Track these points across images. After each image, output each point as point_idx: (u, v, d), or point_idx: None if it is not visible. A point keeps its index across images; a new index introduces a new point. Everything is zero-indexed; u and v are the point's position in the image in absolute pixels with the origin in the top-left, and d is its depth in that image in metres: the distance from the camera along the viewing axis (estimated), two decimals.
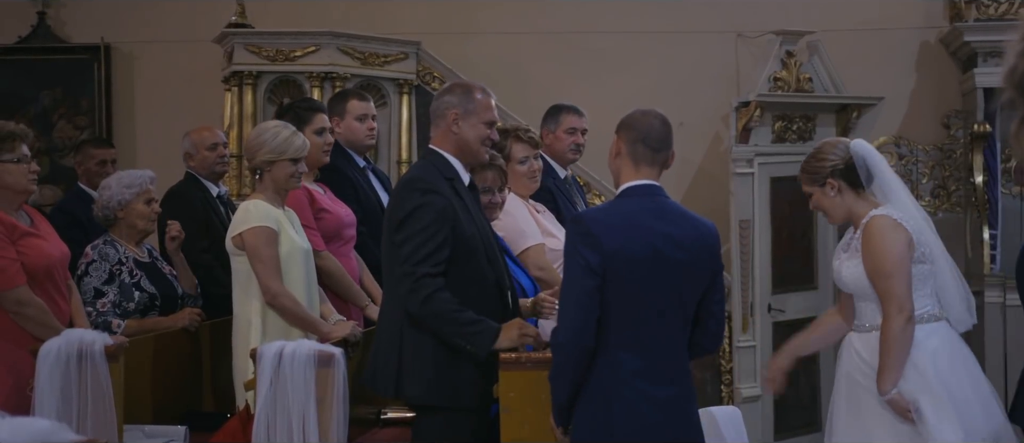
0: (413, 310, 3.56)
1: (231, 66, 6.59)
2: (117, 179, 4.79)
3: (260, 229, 4.12)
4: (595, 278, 3.17)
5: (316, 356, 3.68)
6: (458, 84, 3.97)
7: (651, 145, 3.38)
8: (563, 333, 3.21)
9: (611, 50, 7.35)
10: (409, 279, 3.53)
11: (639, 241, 3.22)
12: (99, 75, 7.48)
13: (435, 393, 3.61)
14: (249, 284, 4.16)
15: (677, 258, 3.25)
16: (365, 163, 5.29)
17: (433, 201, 3.59)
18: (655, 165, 3.39)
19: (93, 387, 3.75)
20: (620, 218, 3.27)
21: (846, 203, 3.91)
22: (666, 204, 3.36)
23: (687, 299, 3.31)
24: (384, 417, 4.66)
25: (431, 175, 3.68)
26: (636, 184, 3.35)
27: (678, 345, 3.31)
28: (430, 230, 3.55)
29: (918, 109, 7.28)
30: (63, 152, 7.49)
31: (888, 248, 3.75)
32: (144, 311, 4.66)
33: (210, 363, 4.81)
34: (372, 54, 6.72)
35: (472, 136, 3.76)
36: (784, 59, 6.98)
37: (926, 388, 3.70)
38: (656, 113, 3.49)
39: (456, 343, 3.55)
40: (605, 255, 3.18)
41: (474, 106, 3.76)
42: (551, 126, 5.38)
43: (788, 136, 6.99)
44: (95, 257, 4.64)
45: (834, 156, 3.93)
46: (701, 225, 3.38)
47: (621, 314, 3.20)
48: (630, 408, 3.20)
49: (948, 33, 7.07)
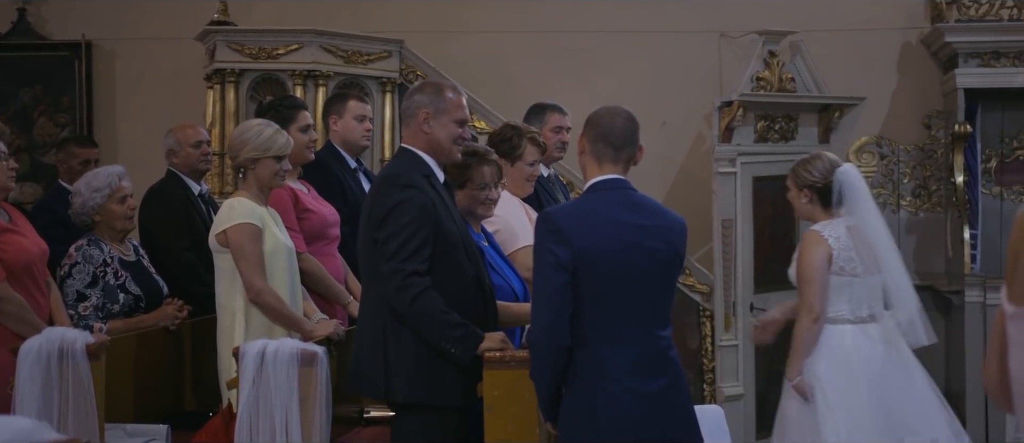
0: (401, 309, 3.54)
1: (213, 64, 6.57)
2: (86, 183, 4.71)
3: (245, 226, 4.11)
4: (564, 274, 3.18)
5: (299, 355, 3.67)
6: (428, 83, 3.96)
7: (612, 143, 3.41)
8: (536, 332, 3.23)
9: (594, 49, 7.36)
10: (397, 276, 3.52)
11: (609, 234, 3.25)
12: (80, 72, 7.44)
13: (421, 391, 3.59)
14: (233, 282, 4.15)
15: (650, 247, 3.28)
16: (357, 164, 5.28)
17: (413, 196, 3.58)
18: (618, 162, 3.41)
19: (74, 386, 3.73)
20: (588, 213, 3.30)
21: (811, 212, 4.58)
22: (634, 196, 3.38)
23: (665, 288, 3.34)
24: (367, 416, 4.66)
25: (408, 171, 3.67)
26: (601, 179, 3.38)
27: (659, 336, 3.30)
28: (413, 226, 3.55)
29: (899, 109, 7.32)
30: (43, 149, 7.45)
31: (809, 259, 4.44)
32: (129, 312, 4.63)
33: (192, 362, 4.80)
34: (355, 52, 6.70)
35: (443, 135, 3.74)
36: (767, 59, 7.00)
37: (823, 377, 4.35)
38: (621, 110, 3.51)
39: (441, 346, 3.54)
40: (575, 250, 3.19)
41: (445, 105, 3.75)
42: (536, 124, 5.38)
43: (770, 136, 7.01)
44: (79, 259, 4.59)
45: (817, 173, 4.53)
46: (669, 215, 3.42)
47: (597, 308, 3.21)
48: (614, 402, 3.20)
49: (929, 34, 7.10)
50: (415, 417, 3.63)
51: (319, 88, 6.53)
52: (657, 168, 7.37)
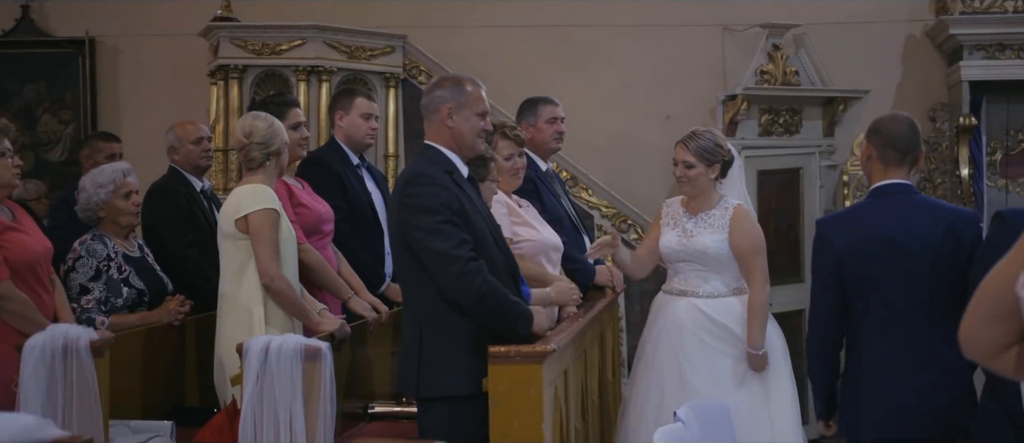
0: (467, 296, 3.55)
1: (216, 60, 6.57)
2: (91, 179, 4.72)
3: (268, 211, 4.13)
4: (830, 277, 3.60)
5: (303, 351, 3.66)
6: (448, 77, 3.96)
7: (899, 148, 3.69)
8: (809, 328, 3.71)
9: (597, 44, 7.35)
10: (456, 265, 3.53)
11: (871, 237, 3.58)
12: (83, 69, 7.45)
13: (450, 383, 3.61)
14: (243, 271, 4.14)
15: (914, 249, 3.55)
16: (359, 161, 5.26)
17: (439, 194, 3.60)
18: (903, 166, 3.70)
19: (78, 382, 3.72)
20: (853, 219, 3.71)
21: (710, 186, 4.68)
22: (911, 199, 3.66)
23: (936, 284, 3.54)
24: (372, 411, 4.66)
25: (431, 169, 3.68)
26: (884, 183, 3.69)
27: (927, 332, 3.54)
28: (453, 219, 3.58)
29: (904, 102, 7.29)
30: (48, 146, 7.46)
31: (757, 232, 4.70)
32: (132, 307, 4.63)
33: (197, 358, 4.79)
34: (358, 48, 6.70)
35: (467, 129, 3.75)
36: (770, 52, 6.98)
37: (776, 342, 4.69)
38: (904, 118, 3.78)
39: (508, 325, 3.59)
40: (836, 254, 3.59)
41: (466, 98, 3.75)
42: (530, 119, 5.37)
43: (775, 129, 7.00)
44: (82, 253, 4.60)
45: (726, 150, 4.71)
46: (948, 212, 3.70)
47: (865, 307, 3.58)
48: (880, 395, 3.55)
49: (933, 26, 7.08)
50: (441, 409, 3.64)
51: (322, 84, 6.53)
52: (661, 162, 7.34)
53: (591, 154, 7.14)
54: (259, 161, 4.26)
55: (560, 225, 4.99)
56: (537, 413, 3.32)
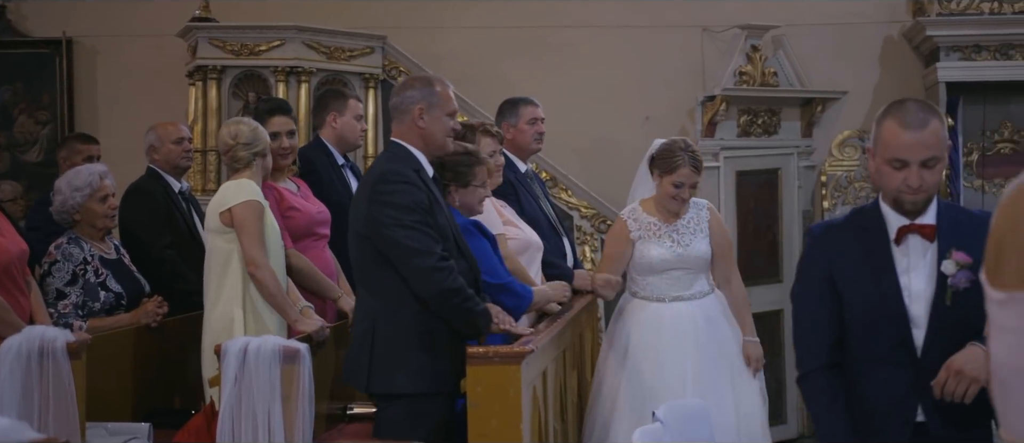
0: (435, 291, 3.59)
1: (195, 60, 6.54)
2: (66, 182, 4.69)
3: (253, 203, 4.15)
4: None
5: (281, 352, 3.66)
6: (417, 78, 4.02)
7: None
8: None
9: (577, 45, 7.36)
10: (429, 259, 3.57)
11: None
12: (61, 69, 7.40)
13: (402, 382, 3.64)
14: (227, 268, 4.13)
15: None
16: (344, 161, 5.26)
17: (412, 192, 3.64)
18: None
19: (54, 385, 3.70)
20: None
21: None
22: None
23: None
24: (350, 412, 4.65)
25: (401, 167, 3.71)
26: None
27: None
28: (426, 219, 3.62)
29: (882, 103, 7.14)
30: (24, 147, 7.41)
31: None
32: (110, 311, 4.60)
33: (175, 360, 4.77)
34: (338, 48, 6.69)
35: (437, 129, 3.79)
36: (749, 54, 7.01)
37: None
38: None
39: (472, 320, 3.65)
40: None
41: (436, 98, 3.79)
42: (511, 119, 5.37)
43: (753, 130, 7.03)
44: (58, 257, 4.57)
45: None
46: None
47: None
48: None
49: (911, 28, 7.12)
50: (397, 408, 3.67)
51: (301, 84, 6.51)
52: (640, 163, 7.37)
53: (570, 155, 7.14)
54: (246, 161, 4.28)
55: (538, 226, 5.00)
56: (516, 414, 3.32)
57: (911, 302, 2.85)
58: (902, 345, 2.86)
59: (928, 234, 2.88)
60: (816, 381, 2.96)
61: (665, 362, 4.58)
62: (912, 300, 2.85)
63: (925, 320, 2.84)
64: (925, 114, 2.86)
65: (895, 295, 2.86)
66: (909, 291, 2.86)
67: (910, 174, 2.81)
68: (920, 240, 2.88)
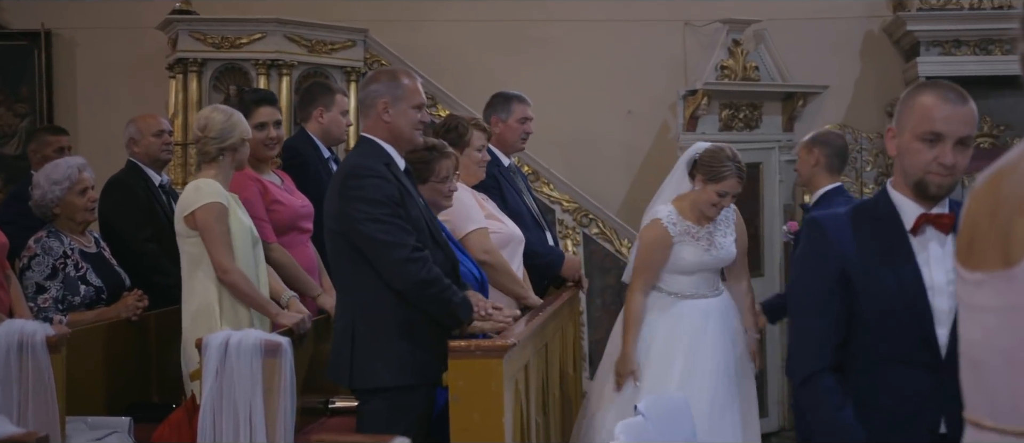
0: (410, 283, 3.59)
1: (175, 53, 6.51)
2: (45, 176, 4.65)
3: (213, 205, 4.09)
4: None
5: (263, 346, 3.65)
6: (383, 71, 4.03)
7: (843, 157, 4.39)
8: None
9: (559, 39, 7.36)
10: (402, 251, 3.58)
11: None
12: (39, 62, 7.35)
13: (384, 375, 3.65)
14: (198, 267, 4.11)
15: None
16: (329, 154, 5.25)
17: (383, 186, 3.63)
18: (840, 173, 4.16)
19: (34, 378, 3.68)
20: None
21: None
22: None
23: None
24: (332, 406, 4.64)
25: (371, 162, 3.71)
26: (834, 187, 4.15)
27: None
28: (398, 212, 3.62)
29: (862, 97, 7.37)
30: (2, 141, 7.36)
31: None
32: (90, 305, 4.57)
33: (155, 354, 4.75)
34: (319, 42, 6.67)
35: (404, 122, 3.78)
36: (731, 48, 7.02)
37: None
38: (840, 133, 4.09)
39: (451, 311, 3.65)
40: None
41: (402, 92, 3.78)
42: (502, 114, 5.37)
43: (735, 124, 7.04)
44: (38, 251, 4.53)
45: None
46: None
47: None
48: None
49: (891, 22, 7.15)
50: (379, 401, 3.68)
51: (283, 78, 6.49)
52: (622, 157, 7.39)
53: (552, 149, 7.14)
54: (212, 155, 4.22)
55: (521, 220, 5.00)
56: (498, 407, 3.32)
57: (933, 296, 2.61)
58: (925, 344, 2.61)
59: (945, 225, 2.65)
60: (822, 382, 2.66)
61: (693, 356, 4.59)
62: (934, 294, 2.62)
63: (949, 317, 2.58)
64: (963, 93, 2.70)
65: (917, 288, 2.62)
66: (931, 284, 2.62)
67: (944, 151, 2.61)
68: (936, 231, 2.66)
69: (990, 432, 1.66)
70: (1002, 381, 1.63)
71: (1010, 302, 1.58)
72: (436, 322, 3.68)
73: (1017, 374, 1.60)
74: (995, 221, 1.61)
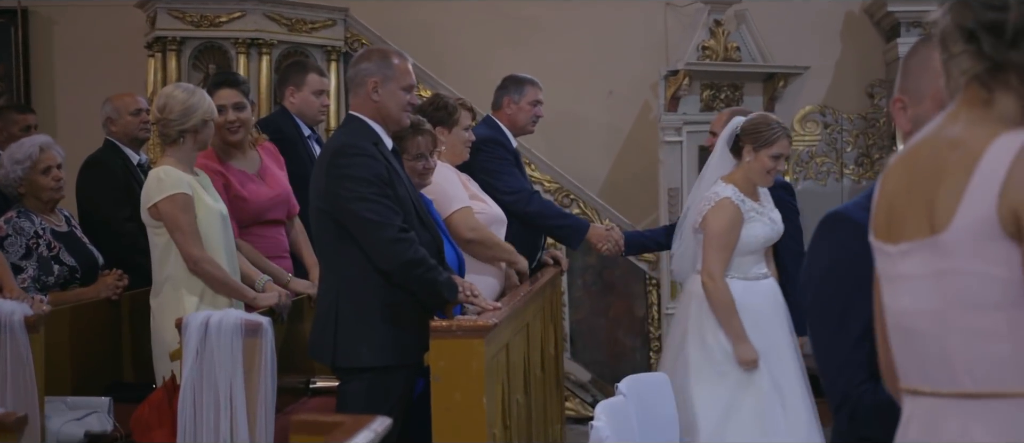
0: (396, 263, 3.59)
1: (154, 31, 6.46)
2: (8, 156, 4.58)
3: (176, 196, 4.01)
4: None
5: (243, 326, 3.64)
6: (374, 50, 3.98)
7: None
8: None
9: (540, 18, 7.34)
10: (389, 231, 3.56)
11: None
12: (16, 39, 7.28)
13: (366, 355, 3.65)
14: (167, 255, 4.05)
15: None
16: (310, 132, 5.22)
17: (371, 165, 3.62)
18: None
19: (12, 359, 3.66)
20: None
21: None
22: None
23: None
24: (313, 386, 4.63)
25: (359, 140, 3.69)
26: None
27: None
28: (385, 191, 3.60)
29: (843, 79, 7.38)
30: None
31: None
32: (65, 284, 4.54)
33: (134, 333, 4.73)
34: (299, 20, 6.63)
35: (392, 103, 3.76)
36: (712, 28, 7.02)
37: None
38: None
39: (436, 292, 3.64)
40: None
41: (393, 72, 3.76)
42: (515, 96, 5.35)
43: (716, 105, 7.04)
44: (10, 231, 4.48)
45: None
46: None
47: None
48: None
49: (872, 3, 7.16)
50: (361, 381, 3.67)
51: (263, 57, 6.45)
52: (603, 137, 7.39)
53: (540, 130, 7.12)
54: (172, 137, 4.11)
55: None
56: (478, 387, 3.32)
57: None
58: None
59: None
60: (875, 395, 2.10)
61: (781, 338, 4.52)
62: None
63: None
64: None
65: None
66: None
67: None
68: None
69: (926, 397, 1.71)
70: (934, 344, 1.68)
71: (939, 266, 1.65)
72: (420, 303, 3.68)
73: (949, 333, 1.66)
74: (913, 195, 1.69)
